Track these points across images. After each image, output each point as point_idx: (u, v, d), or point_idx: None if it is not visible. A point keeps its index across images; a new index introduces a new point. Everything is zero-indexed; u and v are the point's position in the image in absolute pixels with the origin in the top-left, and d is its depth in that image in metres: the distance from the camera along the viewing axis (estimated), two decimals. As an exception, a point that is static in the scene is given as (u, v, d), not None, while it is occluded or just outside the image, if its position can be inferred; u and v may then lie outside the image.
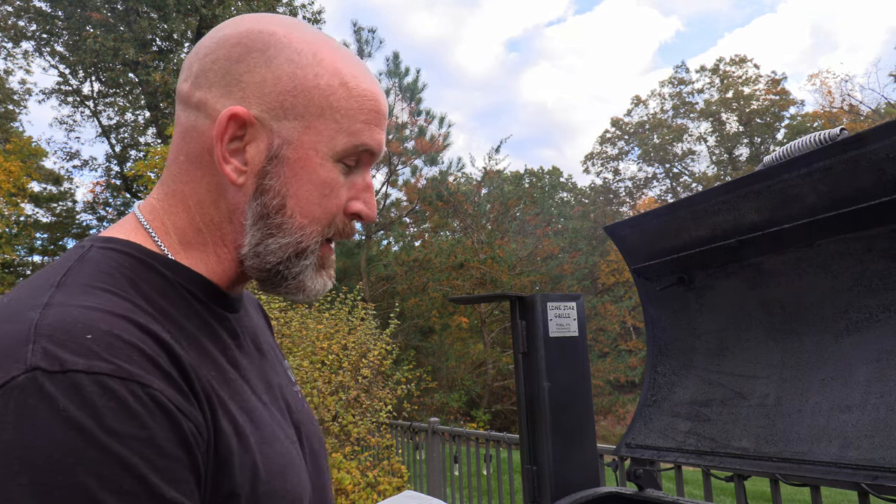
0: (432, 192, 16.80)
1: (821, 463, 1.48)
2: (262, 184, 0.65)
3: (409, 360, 14.49)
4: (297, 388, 0.82)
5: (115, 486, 0.45)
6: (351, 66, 0.67)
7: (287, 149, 0.64)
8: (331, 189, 0.66)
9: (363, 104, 0.66)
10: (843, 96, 26.24)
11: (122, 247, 0.63)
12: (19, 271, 19.81)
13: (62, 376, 0.46)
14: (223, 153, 0.64)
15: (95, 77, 18.09)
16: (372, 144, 0.67)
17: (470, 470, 4.84)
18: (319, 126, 0.64)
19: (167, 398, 0.51)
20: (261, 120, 0.64)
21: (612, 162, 39.08)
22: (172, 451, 0.50)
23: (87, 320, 0.51)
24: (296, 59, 0.64)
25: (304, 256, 0.67)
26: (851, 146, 1.41)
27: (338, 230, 0.69)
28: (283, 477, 0.62)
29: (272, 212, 0.65)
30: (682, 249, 1.93)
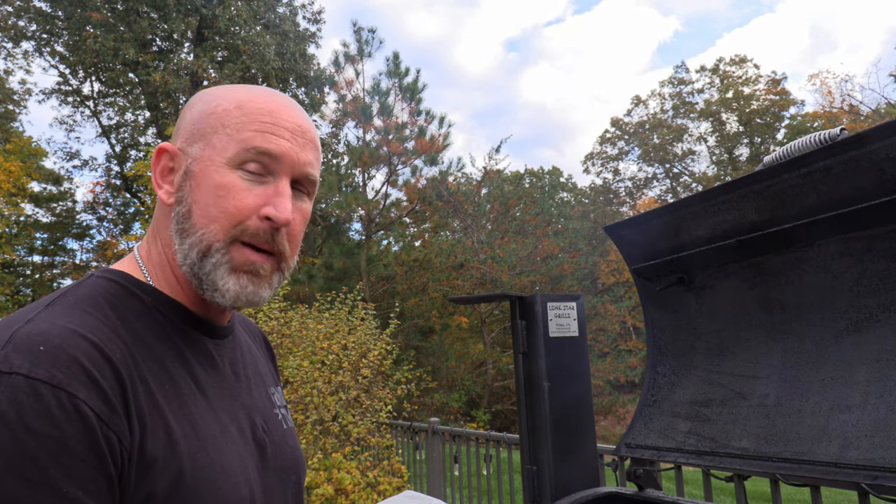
0: (432, 192, 16.79)
1: (821, 463, 1.48)
2: (177, 197, 0.77)
3: (409, 360, 14.49)
4: (282, 412, 0.91)
5: (19, 472, 0.54)
6: (253, 94, 0.78)
7: (193, 164, 0.76)
8: (226, 191, 0.74)
9: (255, 117, 0.76)
10: (843, 96, 26.24)
11: (114, 276, 0.76)
12: (19, 271, 19.81)
13: (7, 377, 0.57)
14: (156, 179, 0.78)
15: (95, 77, 18.09)
16: (266, 146, 0.75)
17: (470, 470, 4.84)
18: (215, 141, 0.76)
19: (90, 407, 0.59)
20: (182, 149, 0.78)
21: (612, 162, 39.09)
22: (81, 452, 0.58)
23: (47, 334, 0.61)
24: (208, 101, 0.79)
25: (209, 255, 0.74)
26: (851, 146, 1.41)
27: (250, 233, 0.75)
28: (213, 482, 0.69)
29: (182, 218, 0.75)
30: (682, 249, 1.93)
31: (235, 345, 0.88)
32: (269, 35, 16.85)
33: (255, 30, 16.84)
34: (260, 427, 0.82)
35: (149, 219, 13.23)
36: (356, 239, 17.77)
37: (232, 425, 0.77)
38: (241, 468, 0.74)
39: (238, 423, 0.78)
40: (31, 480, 0.55)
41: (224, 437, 0.74)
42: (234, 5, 16.20)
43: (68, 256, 21.37)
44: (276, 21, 17.57)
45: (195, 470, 0.67)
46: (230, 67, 15.91)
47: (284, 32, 17.41)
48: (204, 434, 0.71)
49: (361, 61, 17.04)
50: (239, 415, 0.80)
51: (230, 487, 0.71)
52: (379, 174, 17.73)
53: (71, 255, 21.42)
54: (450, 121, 16.92)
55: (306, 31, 18.94)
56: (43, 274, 20.87)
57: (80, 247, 21.66)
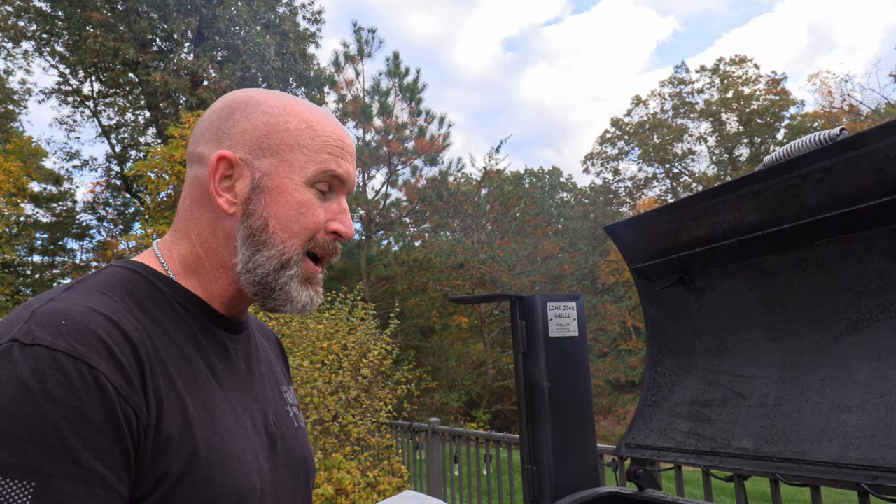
0: (432, 192, 16.79)
1: (821, 463, 1.48)
2: (247, 209, 0.79)
3: (409, 360, 14.49)
4: (293, 410, 0.94)
5: (39, 439, 0.56)
6: (317, 114, 0.82)
7: (266, 179, 0.79)
8: (306, 208, 0.79)
9: (328, 141, 0.81)
10: (843, 96, 26.24)
11: (133, 266, 0.78)
12: (19, 271, 19.81)
13: (29, 348, 0.59)
14: (216, 188, 0.79)
15: (95, 77, 18.09)
16: (338, 171, 0.81)
17: (470, 470, 4.84)
18: (291, 159, 0.79)
19: (109, 380, 0.61)
20: (245, 160, 0.79)
21: (612, 162, 39.08)
22: (100, 424, 0.59)
23: (68, 311, 0.64)
24: (269, 112, 0.80)
25: (287, 267, 0.79)
26: (851, 146, 1.41)
27: (319, 246, 0.81)
28: (225, 466, 0.70)
29: (257, 231, 0.78)
30: (682, 249, 1.93)
31: (249, 341, 0.90)
32: (269, 35, 16.85)
33: (255, 30, 16.84)
34: (272, 422, 0.84)
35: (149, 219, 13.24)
36: (356, 239, 17.75)
37: (245, 416, 0.78)
38: (254, 458, 0.75)
39: (251, 415, 0.80)
40: (51, 448, 0.56)
41: (237, 426, 0.75)
42: (234, 5, 16.20)
43: (68, 256, 21.38)
44: (276, 21, 17.57)
45: (209, 453, 0.68)
46: (230, 67, 15.91)
47: (284, 32, 17.41)
48: (218, 420, 0.72)
49: (361, 61, 17.05)
50: (251, 407, 0.81)
51: (243, 474, 0.72)
52: (379, 174, 17.74)
53: (71, 255, 21.43)
54: (450, 121, 16.93)
55: (306, 31, 18.95)
56: (43, 274, 20.87)
57: (80, 247, 21.67)
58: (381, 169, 17.38)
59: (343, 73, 17.12)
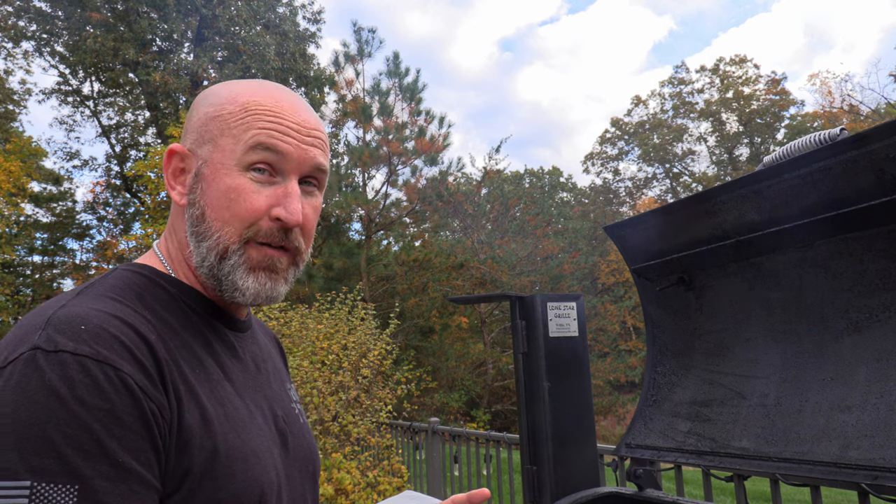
0: (432, 192, 16.78)
1: (821, 463, 1.48)
2: (190, 199, 0.79)
3: (409, 360, 14.48)
4: (297, 406, 0.95)
5: (76, 443, 0.57)
6: (259, 95, 0.79)
7: (203, 167, 0.78)
8: (237, 194, 0.76)
9: (260, 116, 0.77)
10: (843, 96, 26.23)
11: (141, 269, 0.79)
12: (19, 271, 19.80)
13: (54, 355, 0.59)
14: (168, 180, 0.81)
15: (95, 77, 18.08)
16: (269, 143, 0.76)
17: (470, 470, 4.84)
18: (222, 143, 0.77)
19: (134, 381, 0.62)
20: (192, 150, 0.80)
21: (612, 162, 39.08)
22: (132, 423, 0.60)
23: (85, 316, 0.64)
24: (214, 101, 0.80)
25: (226, 257, 0.77)
26: (851, 146, 1.41)
27: (263, 234, 0.77)
28: (245, 462, 0.71)
29: (197, 220, 0.78)
30: (682, 249, 1.93)
31: (254, 340, 0.91)
32: (269, 35, 16.84)
33: (255, 30, 16.83)
34: (281, 417, 0.85)
35: (149, 219, 13.25)
36: (356, 239, 17.76)
37: (257, 413, 0.79)
38: (269, 453, 0.76)
39: (262, 412, 0.80)
40: (88, 451, 0.57)
41: (252, 422, 0.76)
42: (234, 5, 16.19)
43: (68, 256, 21.37)
44: (276, 21, 17.56)
45: (228, 449, 0.69)
46: (230, 67, 15.90)
47: (284, 32, 17.40)
48: (234, 417, 0.73)
49: (361, 61, 17.04)
50: (262, 404, 0.82)
51: (261, 469, 0.73)
52: (379, 174, 17.73)
53: (71, 255, 21.42)
54: (450, 121, 16.93)
55: (306, 31, 18.93)
56: (43, 274, 20.87)
57: (80, 247, 21.67)
58: (381, 169, 17.38)
59: (343, 73, 17.11)
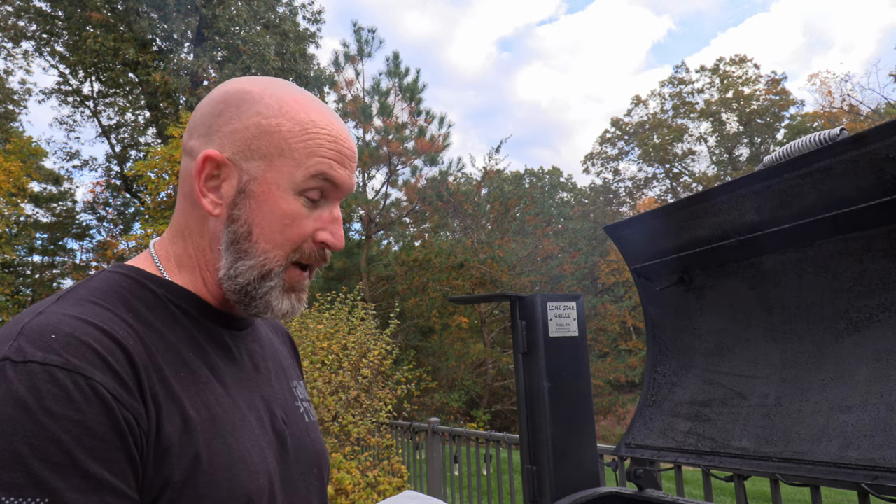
0: (432, 192, 16.78)
1: (821, 463, 1.48)
2: (232, 214, 0.76)
3: (409, 360, 14.48)
4: (304, 405, 0.92)
5: (45, 455, 0.55)
6: (314, 114, 0.77)
7: (253, 184, 0.75)
8: (292, 219, 0.76)
9: (321, 143, 0.76)
10: (843, 96, 26.23)
11: (126, 271, 0.76)
12: (19, 271, 19.81)
13: (22, 365, 0.58)
14: (200, 188, 0.77)
15: (95, 77, 18.07)
16: (331, 174, 0.76)
17: (470, 470, 4.84)
18: (280, 164, 0.75)
19: (107, 389, 0.60)
20: (232, 160, 0.76)
21: (612, 162, 39.08)
22: (104, 433, 0.59)
23: (57, 324, 0.62)
24: (263, 112, 0.76)
25: (268, 278, 0.76)
26: (851, 146, 1.41)
27: (305, 256, 0.78)
28: (230, 469, 0.68)
29: (240, 238, 0.76)
30: (682, 249, 1.93)
31: (255, 337, 0.88)
32: (269, 35, 16.84)
33: (255, 30, 16.84)
34: (280, 418, 0.82)
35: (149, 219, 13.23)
36: (356, 239, 17.75)
37: (251, 415, 0.77)
38: (261, 457, 0.74)
39: (257, 413, 0.78)
40: (57, 463, 0.56)
41: (243, 425, 0.74)
42: (234, 5, 16.19)
43: (68, 256, 21.38)
44: (276, 21, 17.56)
45: (212, 456, 0.67)
46: (230, 67, 15.90)
47: (284, 32, 17.40)
48: (222, 421, 0.71)
49: (361, 61, 17.05)
50: (258, 405, 0.79)
51: (249, 475, 0.70)
52: (379, 174, 17.73)
53: (71, 255, 21.42)
54: (450, 121, 16.93)
55: (306, 31, 18.93)
56: (43, 274, 20.87)
57: (80, 247, 21.67)
58: (381, 169, 17.38)
59: (343, 73, 17.12)
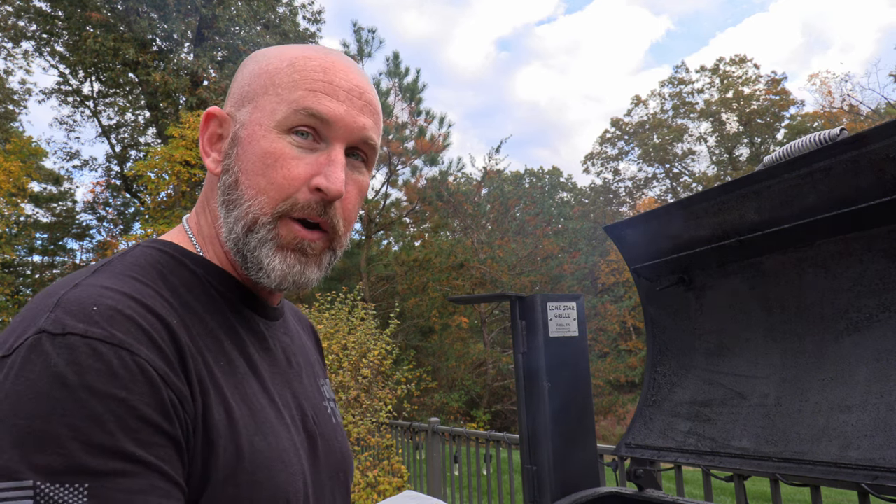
0: (432, 192, 16.79)
1: (821, 463, 1.48)
2: (224, 166, 0.71)
3: (409, 360, 14.48)
4: (331, 405, 0.86)
5: (86, 437, 0.50)
6: (307, 51, 0.71)
7: (241, 129, 0.70)
8: (274, 159, 0.67)
9: (308, 75, 0.69)
10: (843, 96, 26.23)
11: (163, 246, 0.70)
12: (19, 271, 19.80)
13: (61, 338, 0.52)
14: (203, 147, 0.73)
15: (95, 77, 18.07)
16: (316, 108, 0.67)
17: (470, 470, 4.84)
18: (263, 103, 0.69)
19: (153, 367, 0.55)
20: (231, 114, 0.72)
21: (612, 162, 39.08)
22: (149, 415, 0.53)
23: (98, 297, 0.57)
24: (261, 61, 0.73)
25: (254, 229, 0.68)
26: (851, 146, 1.41)
27: (299, 206, 0.68)
28: (269, 469, 0.63)
29: (228, 189, 0.70)
30: (682, 249, 1.93)
31: (286, 329, 0.82)
32: (269, 35, 16.84)
33: (255, 30, 16.84)
34: (311, 418, 0.76)
35: (149, 219, 13.24)
36: (356, 239, 17.76)
37: (285, 412, 0.71)
38: (297, 458, 0.68)
39: (290, 412, 0.72)
40: (99, 446, 0.50)
41: (280, 423, 0.68)
42: (234, 5, 16.19)
43: (68, 256, 21.38)
44: (276, 21, 17.56)
45: (253, 454, 0.62)
46: (230, 67, 15.90)
47: (284, 32, 17.40)
48: (260, 417, 0.65)
49: (361, 61, 17.04)
50: (291, 403, 0.74)
51: (287, 476, 0.65)
52: (379, 174, 17.73)
53: (71, 255, 21.43)
54: (450, 121, 16.94)
55: (306, 31, 18.93)
56: (43, 274, 20.87)
57: (80, 247, 21.67)
58: (381, 169, 17.38)
59: (343, 73, 17.10)
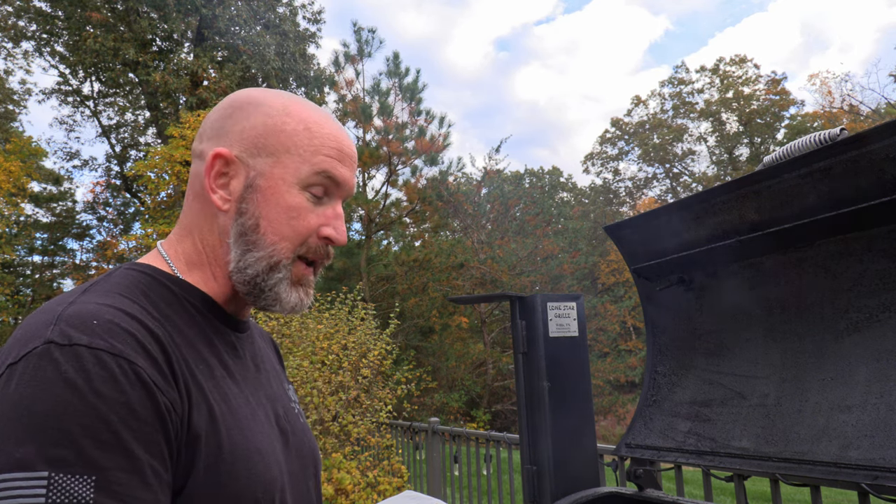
0: (432, 192, 16.78)
1: (821, 463, 1.48)
2: (240, 208, 0.80)
3: (409, 360, 14.48)
4: (297, 407, 0.96)
5: (93, 434, 0.58)
6: (316, 116, 0.83)
7: (260, 179, 0.80)
8: (297, 212, 0.80)
9: (324, 143, 0.81)
10: (843, 96, 26.23)
11: (142, 268, 0.80)
12: (19, 271, 19.80)
13: (69, 348, 0.60)
14: (211, 184, 0.81)
15: (95, 77, 18.07)
16: (334, 173, 0.81)
17: (470, 470, 4.84)
18: (286, 161, 0.80)
19: (148, 375, 0.63)
20: (240, 158, 0.80)
21: (612, 162, 39.07)
22: (146, 416, 0.62)
23: (97, 311, 0.65)
24: (268, 112, 0.81)
25: (277, 269, 0.80)
26: (851, 146, 1.41)
27: (311, 250, 0.82)
28: (248, 460, 0.71)
29: (248, 230, 0.80)
30: (682, 249, 1.93)
31: (252, 340, 0.93)
32: (269, 35, 16.83)
33: (255, 30, 16.83)
34: (282, 416, 0.86)
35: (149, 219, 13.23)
36: (356, 239, 17.75)
37: (259, 411, 0.80)
38: (272, 451, 0.77)
39: (264, 410, 0.82)
40: (106, 443, 0.58)
41: (254, 419, 0.78)
42: (234, 5, 16.19)
43: (68, 256, 21.39)
44: (276, 21, 17.55)
45: (233, 447, 0.70)
46: (230, 67, 15.90)
47: (284, 32, 17.39)
48: (239, 414, 0.74)
49: (361, 61, 17.04)
50: (264, 403, 0.83)
51: (264, 466, 0.74)
52: (379, 174, 17.73)
53: (71, 255, 21.43)
54: (450, 121, 16.93)
55: (306, 31, 18.93)
56: (43, 274, 20.88)
57: (80, 247, 21.69)
58: (381, 169, 17.37)
59: (343, 73, 17.11)
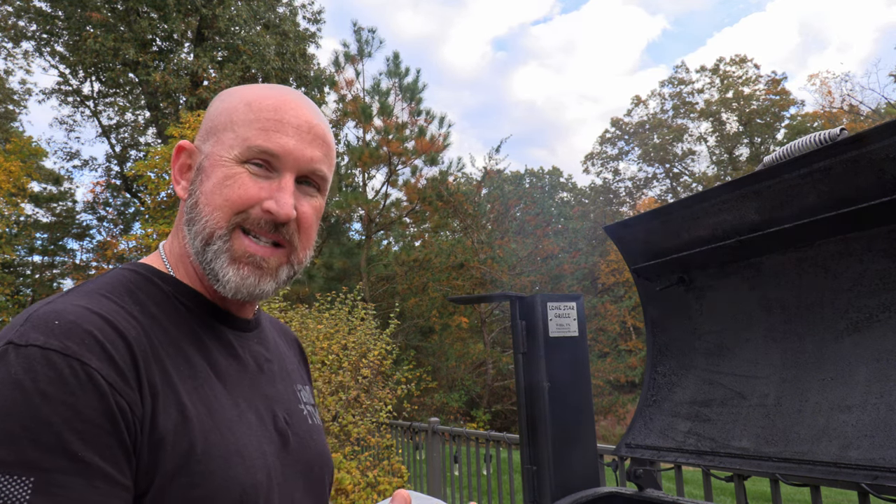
0: (432, 192, 16.78)
1: (821, 463, 1.48)
2: (190, 191, 0.81)
3: (409, 360, 14.48)
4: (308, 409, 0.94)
5: (35, 435, 0.57)
6: (262, 92, 0.81)
7: (204, 160, 0.80)
8: (232, 181, 0.77)
9: (261, 115, 0.79)
10: (842, 96, 26.22)
11: (136, 267, 0.80)
12: (19, 271, 19.80)
13: (24, 349, 0.61)
14: (174, 175, 0.83)
15: (95, 77, 18.07)
16: (266, 145, 0.78)
17: (470, 470, 4.84)
18: (224, 138, 0.79)
19: (102, 376, 0.62)
20: (198, 147, 0.83)
21: (612, 162, 39.08)
22: (95, 418, 0.60)
23: (62, 312, 0.65)
24: (225, 100, 0.83)
25: (211, 241, 0.77)
26: (851, 146, 1.41)
27: (249, 220, 0.78)
28: (225, 461, 0.69)
29: (190, 209, 0.80)
30: (682, 249, 1.93)
31: (261, 339, 0.90)
32: (269, 35, 16.83)
33: (255, 30, 16.83)
34: (282, 418, 0.83)
35: (149, 219, 13.24)
36: (356, 239, 17.77)
37: (250, 412, 0.78)
38: (259, 453, 0.75)
39: (257, 412, 0.80)
40: (46, 444, 0.57)
41: (241, 421, 0.75)
42: (234, 5, 16.19)
43: (68, 256, 21.38)
44: (276, 21, 17.55)
45: (208, 447, 0.68)
46: (230, 67, 15.89)
47: (284, 32, 17.39)
48: (219, 416, 0.73)
49: (361, 61, 17.05)
50: (258, 404, 0.81)
51: (245, 469, 0.71)
52: (379, 174, 17.73)
53: (71, 255, 21.42)
54: (450, 121, 16.93)
55: (306, 30, 18.92)
56: (43, 274, 20.87)
57: (80, 247, 21.67)
58: (381, 169, 17.38)
59: (343, 72, 17.12)
